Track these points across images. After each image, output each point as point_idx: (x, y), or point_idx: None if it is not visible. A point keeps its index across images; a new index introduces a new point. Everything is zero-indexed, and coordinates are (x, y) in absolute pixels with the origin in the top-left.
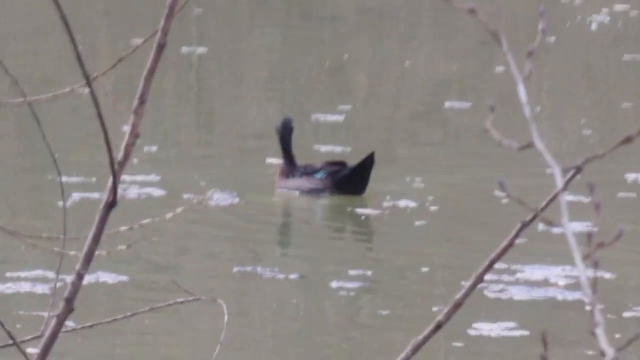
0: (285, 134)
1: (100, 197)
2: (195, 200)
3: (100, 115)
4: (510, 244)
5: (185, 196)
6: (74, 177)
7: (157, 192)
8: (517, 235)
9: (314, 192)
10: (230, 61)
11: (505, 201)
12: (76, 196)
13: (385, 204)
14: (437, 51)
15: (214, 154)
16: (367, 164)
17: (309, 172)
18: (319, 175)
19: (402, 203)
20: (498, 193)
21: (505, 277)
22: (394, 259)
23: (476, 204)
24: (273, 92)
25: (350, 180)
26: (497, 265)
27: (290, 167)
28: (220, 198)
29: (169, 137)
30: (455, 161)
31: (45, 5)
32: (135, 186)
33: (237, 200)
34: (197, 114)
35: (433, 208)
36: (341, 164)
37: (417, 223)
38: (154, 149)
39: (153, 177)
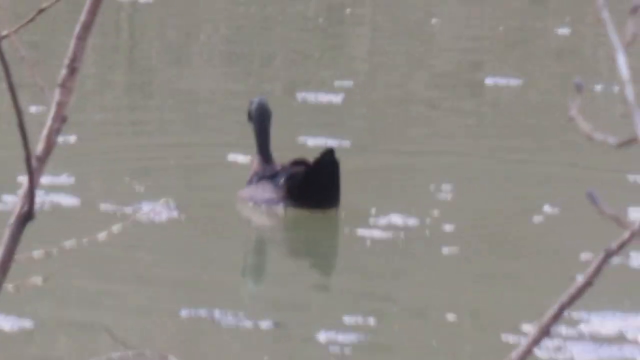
0: (262, 120)
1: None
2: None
3: (12, 89)
4: (589, 282)
5: (104, 206)
6: None
7: (68, 201)
8: (599, 270)
9: (267, 204)
10: (180, 9)
11: (558, 221)
12: None
13: (398, 223)
14: (474, 4)
15: (150, 146)
16: (323, 165)
17: (268, 174)
18: (277, 181)
19: (422, 221)
20: (551, 208)
21: (565, 330)
22: (407, 301)
23: (524, 223)
24: (239, 59)
25: (306, 188)
26: None
27: (266, 165)
28: (153, 210)
29: (89, 122)
30: (497, 162)
31: None
32: (39, 191)
33: (175, 212)
34: (129, 86)
35: (465, 229)
36: (302, 164)
37: (443, 250)
38: (72, 138)
39: (64, 179)
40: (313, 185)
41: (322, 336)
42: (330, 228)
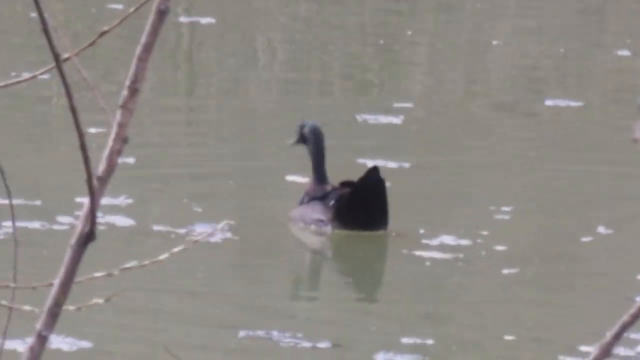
0: (318, 143)
1: (43, 226)
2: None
3: (74, 111)
4: None
5: (160, 227)
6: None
7: (125, 222)
8: None
9: (316, 225)
10: (239, 28)
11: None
12: (7, 225)
13: (457, 244)
14: (533, 26)
15: (208, 166)
16: (368, 184)
17: (319, 195)
18: (327, 202)
19: (481, 242)
20: (607, 229)
21: (623, 351)
22: (465, 321)
23: (581, 244)
24: (298, 81)
25: (353, 208)
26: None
27: (319, 186)
28: (210, 232)
29: (148, 144)
30: (559, 184)
31: None
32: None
33: (230, 234)
34: (187, 108)
35: (523, 250)
36: (351, 184)
37: (505, 272)
38: (130, 160)
39: (122, 201)
40: (359, 205)
41: (380, 357)
42: (385, 249)
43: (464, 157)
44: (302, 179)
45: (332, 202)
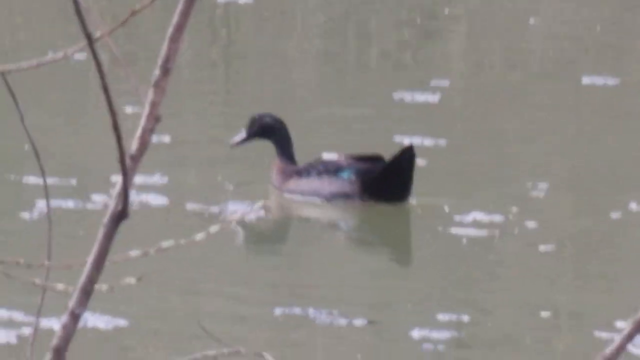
0: (283, 130)
1: (79, 206)
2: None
3: (106, 89)
4: None
5: (193, 206)
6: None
7: (159, 200)
8: None
9: (337, 198)
10: (275, 14)
11: None
12: (42, 204)
13: (495, 220)
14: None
15: (245, 147)
16: (403, 161)
17: (330, 169)
18: (345, 175)
19: (518, 219)
20: None
21: None
22: (501, 298)
23: (618, 222)
24: (334, 59)
25: (385, 182)
26: None
27: (290, 164)
28: (244, 211)
29: (184, 122)
30: (596, 161)
31: None
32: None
33: (262, 212)
34: (224, 87)
35: (562, 228)
36: (373, 159)
37: (540, 248)
38: (166, 138)
39: (157, 179)
40: (390, 179)
41: (416, 333)
42: (419, 226)
43: (500, 134)
44: (339, 157)
45: (350, 176)
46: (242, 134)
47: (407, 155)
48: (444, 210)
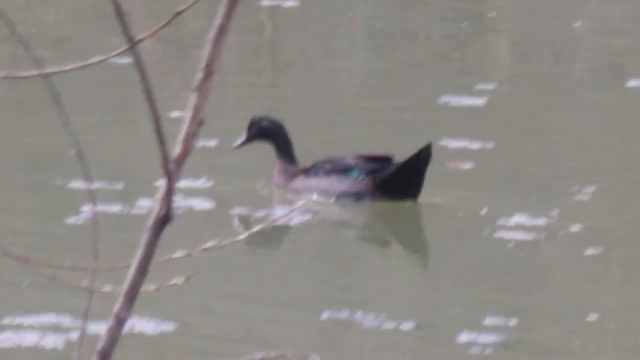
0: (283, 131)
1: (124, 210)
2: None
3: (148, 93)
4: None
5: (239, 209)
6: (92, 182)
7: (204, 204)
8: None
9: (346, 197)
10: (320, 19)
11: None
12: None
13: (539, 223)
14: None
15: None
16: (420, 159)
17: (339, 169)
18: (354, 174)
19: (564, 222)
20: None
21: None
22: (548, 301)
23: None
24: (380, 62)
25: (398, 180)
26: None
27: (291, 165)
28: (288, 213)
29: (230, 126)
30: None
31: None
32: (177, 195)
33: (308, 215)
34: (269, 91)
35: (609, 231)
36: (382, 160)
37: (587, 252)
38: (212, 142)
39: (202, 183)
40: (405, 177)
41: (464, 337)
42: (465, 230)
43: (546, 137)
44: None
45: (360, 175)
46: (242, 137)
47: (425, 154)
48: (488, 213)
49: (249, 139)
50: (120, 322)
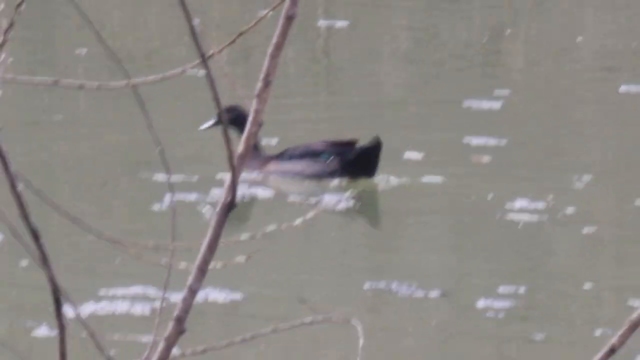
0: (243, 122)
1: (199, 199)
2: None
3: (217, 101)
4: None
5: (291, 198)
6: (172, 175)
7: (265, 193)
8: None
9: (317, 176)
10: (364, 37)
11: None
12: (168, 197)
13: (546, 207)
14: (614, 23)
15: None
16: (373, 147)
17: (310, 153)
18: (324, 157)
19: (565, 206)
20: None
21: None
22: (552, 274)
23: None
24: (415, 72)
25: (359, 162)
26: None
27: (257, 151)
28: (335, 201)
29: (290, 125)
30: (632, 157)
31: None
32: (242, 185)
33: (352, 202)
34: (326, 100)
35: (603, 215)
36: (347, 144)
37: (584, 231)
38: (274, 140)
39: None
40: (363, 161)
41: (481, 303)
42: (481, 213)
43: (556, 135)
44: (419, 155)
45: (330, 158)
46: (210, 122)
47: (375, 144)
48: (500, 198)
49: (216, 123)
50: (192, 292)
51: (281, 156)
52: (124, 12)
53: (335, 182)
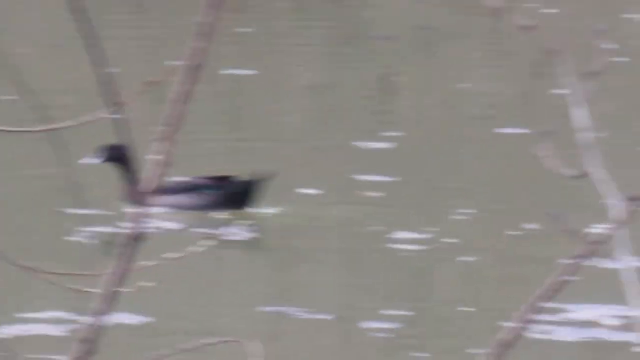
0: (131, 159)
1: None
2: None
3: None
4: (559, 283)
5: (200, 230)
6: (91, 210)
7: (172, 226)
8: (568, 274)
9: (198, 208)
10: (269, 83)
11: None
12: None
13: (430, 238)
14: (492, 73)
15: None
16: (255, 183)
17: (191, 187)
18: (205, 191)
19: (447, 237)
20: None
21: (550, 317)
22: (434, 298)
23: (535, 240)
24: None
25: (234, 197)
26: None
27: (138, 185)
28: (234, 233)
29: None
30: (506, 192)
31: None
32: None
33: (253, 234)
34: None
35: (481, 244)
36: (222, 179)
37: (463, 259)
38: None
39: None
40: (238, 195)
41: (368, 325)
42: (363, 243)
43: (444, 171)
44: (314, 192)
45: (209, 192)
46: (95, 159)
47: (253, 179)
48: (387, 231)
49: (104, 160)
50: (100, 315)
51: (164, 190)
52: (43, 57)
53: (221, 214)
